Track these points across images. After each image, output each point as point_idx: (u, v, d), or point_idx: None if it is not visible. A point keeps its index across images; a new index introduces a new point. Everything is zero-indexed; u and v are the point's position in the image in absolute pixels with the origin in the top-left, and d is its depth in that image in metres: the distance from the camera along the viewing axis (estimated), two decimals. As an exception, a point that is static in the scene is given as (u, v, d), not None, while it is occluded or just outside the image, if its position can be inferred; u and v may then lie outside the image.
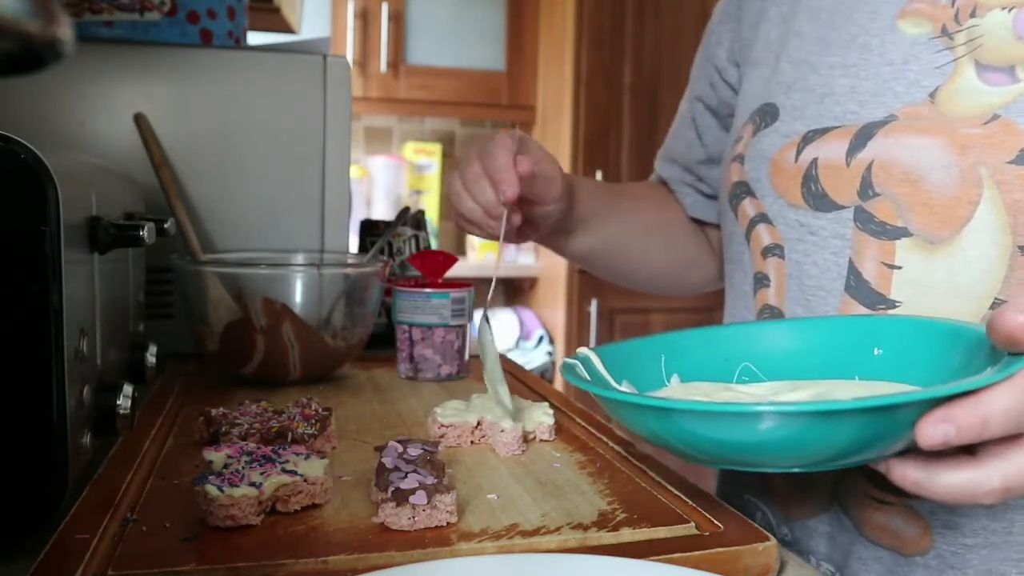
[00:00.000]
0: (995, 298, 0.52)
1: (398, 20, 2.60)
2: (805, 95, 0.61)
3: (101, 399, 0.51)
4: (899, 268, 0.55)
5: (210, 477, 0.45)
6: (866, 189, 0.56)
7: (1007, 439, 0.40)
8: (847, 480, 0.59)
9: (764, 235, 0.64)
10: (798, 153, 0.60)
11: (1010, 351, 0.41)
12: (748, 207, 0.65)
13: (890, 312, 0.56)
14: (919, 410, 0.38)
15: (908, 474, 0.41)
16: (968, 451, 0.41)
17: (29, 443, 0.44)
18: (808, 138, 0.60)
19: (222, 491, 0.44)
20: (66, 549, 0.41)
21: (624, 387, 0.51)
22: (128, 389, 0.53)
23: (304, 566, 0.41)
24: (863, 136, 0.57)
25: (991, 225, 0.52)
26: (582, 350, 0.52)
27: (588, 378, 0.49)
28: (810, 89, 0.61)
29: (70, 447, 0.45)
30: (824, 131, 0.59)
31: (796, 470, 0.42)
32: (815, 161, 0.59)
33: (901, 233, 0.55)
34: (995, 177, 0.51)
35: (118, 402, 0.52)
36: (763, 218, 0.63)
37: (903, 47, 0.57)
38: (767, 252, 0.64)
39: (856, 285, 0.57)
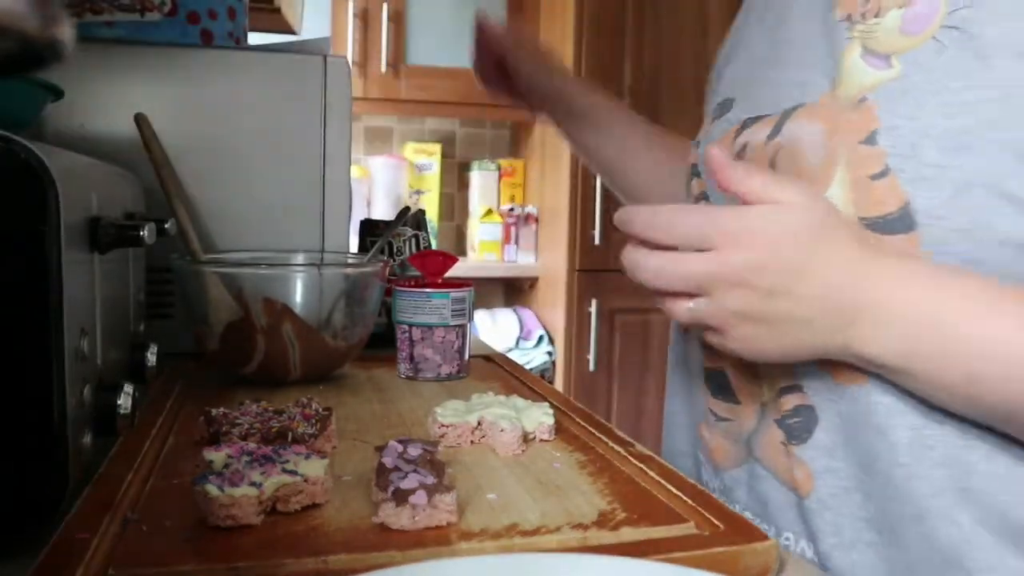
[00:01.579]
0: None
1: (398, 20, 2.60)
2: (754, 88, 0.67)
3: (101, 399, 0.52)
4: None
5: (210, 477, 0.45)
6: (771, 167, 0.61)
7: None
8: (758, 432, 0.63)
9: None
10: (735, 138, 0.66)
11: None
12: (695, 186, 0.72)
13: None
14: None
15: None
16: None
17: (29, 443, 0.44)
18: (745, 124, 0.65)
19: (222, 491, 0.44)
20: (66, 549, 0.41)
21: None
22: (129, 389, 0.53)
23: (304, 566, 0.41)
24: (780, 122, 0.62)
25: (840, 198, 0.56)
26: None
27: None
28: (759, 83, 0.67)
29: (70, 447, 0.45)
30: (757, 119, 0.64)
31: None
32: (745, 145, 0.64)
33: None
34: (848, 156, 0.56)
35: (118, 402, 0.52)
36: (704, 196, 0.70)
37: (827, 38, 0.62)
38: None
39: None
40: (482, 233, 2.73)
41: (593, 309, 2.50)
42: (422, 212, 1.10)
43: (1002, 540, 0.53)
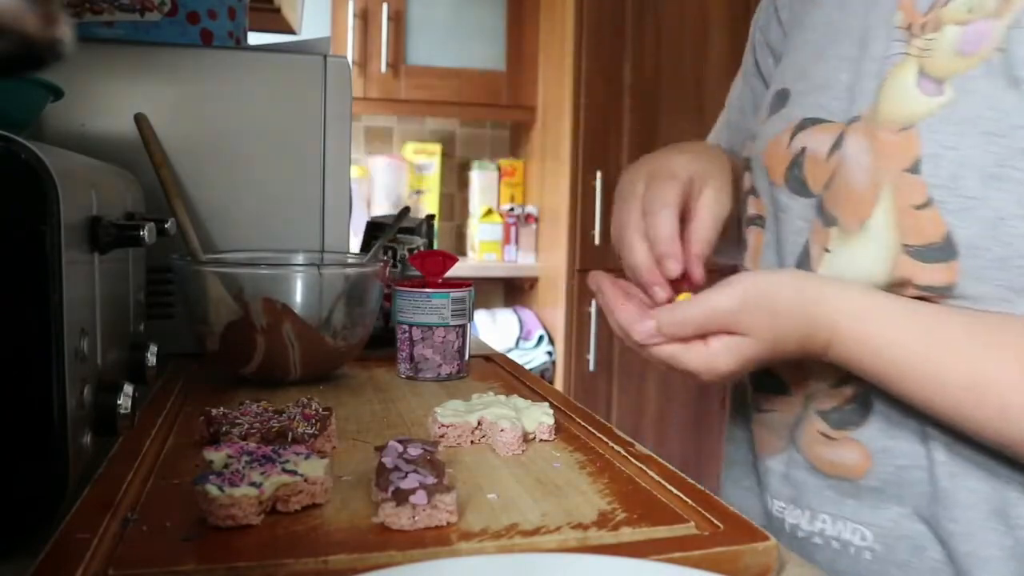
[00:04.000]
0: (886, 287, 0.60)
1: (398, 20, 2.60)
2: (810, 83, 0.67)
3: (101, 399, 0.52)
4: (829, 252, 0.63)
5: (210, 477, 0.45)
6: (830, 182, 0.63)
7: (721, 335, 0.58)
8: (803, 421, 0.66)
9: (750, 206, 0.71)
10: (791, 139, 0.66)
11: None
12: (746, 180, 0.72)
13: None
14: None
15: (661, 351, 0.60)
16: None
17: (29, 443, 0.44)
18: (802, 125, 0.65)
19: (222, 491, 0.44)
20: (66, 549, 0.41)
21: None
22: (128, 389, 0.53)
23: (304, 566, 0.41)
24: (841, 136, 0.62)
25: (884, 222, 0.59)
26: None
27: None
28: (815, 77, 0.66)
29: (70, 447, 0.45)
30: (816, 122, 0.65)
31: None
32: (804, 150, 0.65)
33: (833, 222, 0.62)
34: (893, 182, 0.58)
35: (118, 402, 0.52)
36: (752, 191, 0.71)
37: (886, 43, 0.61)
38: (749, 221, 0.72)
39: (803, 264, 0.65)
40: (482, 233, 2.73)
41: (593, 309, 2.50)
42: (432, 216, 1.10)
43: None
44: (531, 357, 2.58)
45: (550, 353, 2.61)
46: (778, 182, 0.66)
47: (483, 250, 2.73)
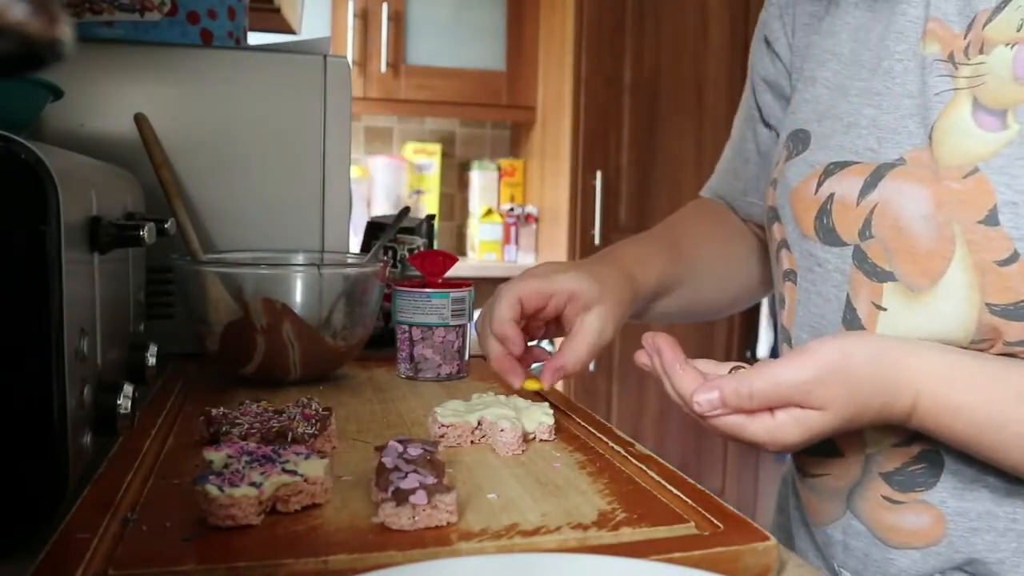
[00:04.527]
0: (968, 346, 0.55)
1: (398, 20, 2.60)
2: (833, 123, 0.62)
3: (101, 399, 0.52)
4: (884, 310, 0.58)
5: (210, 477, 0.45)
6: (865, 230, 0.58)
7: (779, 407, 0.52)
8: (862, 485, 0.61)
9: (784, 260, 0.67)
10: (818, 185, 0.61)
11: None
12: (776, 231, 0.68)
13: None
14: None
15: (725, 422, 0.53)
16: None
17: (29, 443, 0.44)
18: (829, 171, 0.61)
19: (222, 491, 0.44)
20: (66, 549, 0.41)
21: None
22: (128, 389, 0.53)
23: (304, 566, 0.41)
24: (875, 177, 0.58)
25: (962, 281, 0.54)
26: None
27: None
28: (838, 117, 0.62)
29: (70, 447, 0.45)
30: (844, 165, 0.60)
31: None
32: (831, 196, 0.60)
33: (888, 277, 0.58)
34: (966, 236, 0.53)
35: (118, 402, 0.52)
36: (784, 244, 0.66)
37: (920, 75, 0.57)
38: (785, 276, 0.67)
39: (851, 320, 0.60)
40: (482, 233, 2.74)
41: (593, 309, 2.50)
42: (432, 217, 1.10)
43: None
44: (531, 357, 2.58)
45: (550, 353, 2.61)
46: (808, 232, 0.62)
47: (483, 250, 2.73)
